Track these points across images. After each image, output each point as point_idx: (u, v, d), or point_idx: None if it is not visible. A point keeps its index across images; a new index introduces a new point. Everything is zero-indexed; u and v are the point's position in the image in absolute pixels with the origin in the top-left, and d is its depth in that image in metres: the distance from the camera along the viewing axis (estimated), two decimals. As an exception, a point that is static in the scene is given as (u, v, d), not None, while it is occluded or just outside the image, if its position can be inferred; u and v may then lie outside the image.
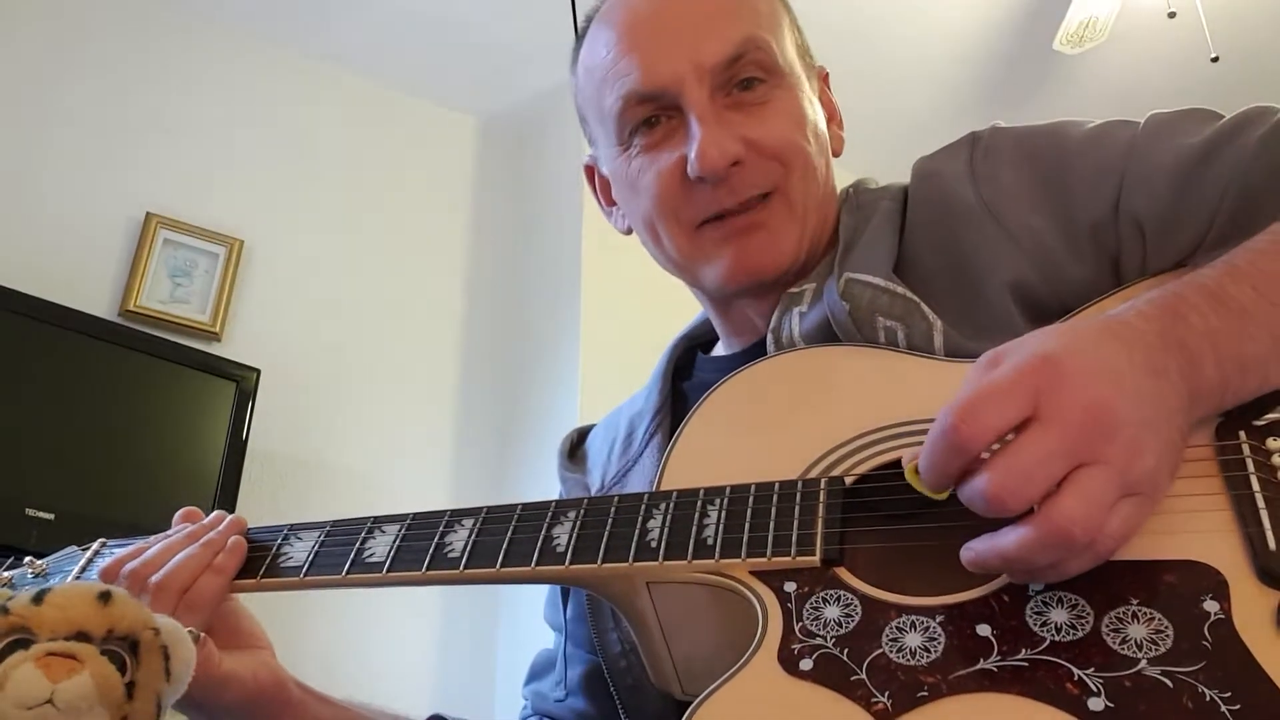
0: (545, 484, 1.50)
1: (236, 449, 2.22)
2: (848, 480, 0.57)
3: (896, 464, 0.57)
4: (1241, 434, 0.50)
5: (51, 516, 1.89)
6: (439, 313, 2.88)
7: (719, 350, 0.88)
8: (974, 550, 0.47)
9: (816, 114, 0.79)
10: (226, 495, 2.14)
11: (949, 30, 2.93)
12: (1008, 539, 0.45)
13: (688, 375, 0.86)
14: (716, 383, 0.69)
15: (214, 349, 2.39)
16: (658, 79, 0.73)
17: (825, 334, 0.70)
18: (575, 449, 0.92)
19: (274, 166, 2.72)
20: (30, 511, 1.87)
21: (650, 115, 0.75)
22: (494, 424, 2.82)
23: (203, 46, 2.72)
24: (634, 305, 2.74)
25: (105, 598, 0.55)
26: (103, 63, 2.55)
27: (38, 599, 0.55)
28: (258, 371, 2.32)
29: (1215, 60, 2.63)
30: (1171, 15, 2.52)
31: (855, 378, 0.65)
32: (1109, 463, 0.45)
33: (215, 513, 0.72)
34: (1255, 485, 0.47)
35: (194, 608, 0.65)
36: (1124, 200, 0.67)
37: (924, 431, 0.54)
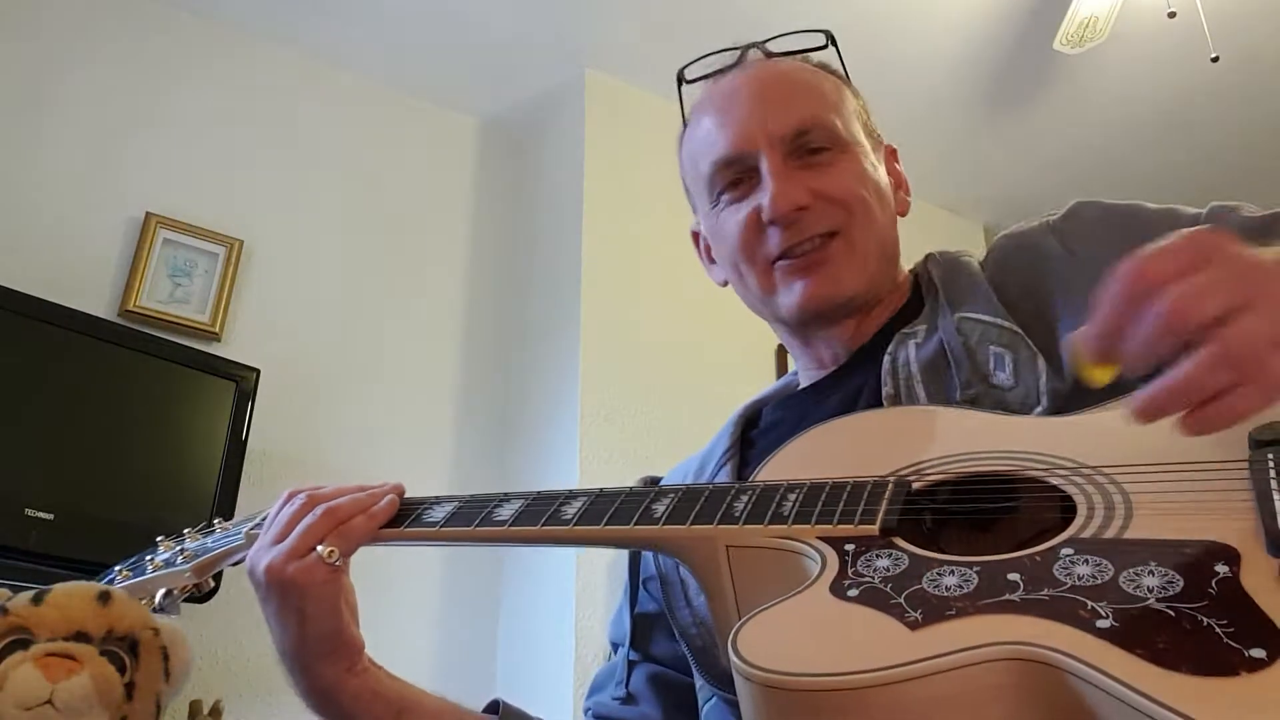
0: (545, 487, 1.49)
1: (236, 449, 2.21)
2: (914, 486, 0.66)
3: (961, 479, 0.65)
4: (1269, 453, 0.57)
5: (51, 516, 1.89)
6: (439, 313, 2.88)
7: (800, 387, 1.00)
8: (1140, 397, 0.52)
9: (879, 177, 0.93)
10: (226, 495, 2.14)
11: (948, 30, 2.93)
12: (1177, 369, 0.50)
13: (755, 427, 0.98)
14: (816, 424, 0.79)
15: (214, 349, 2.39)
16: (739, 145, 0.90)
17: (939, 361, 0.82)
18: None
19: (274, 166, 2.72)
20: (29, 511, 1.87)
21: (734, 176, 0.91)
22: (494, 425, 2.82)
23: (203, 45, 2.72)
24: (634, 306, 2.74)
25: (105, 598, 0.55)
26: (102, 62, 2.55)
27: (37, 599, 0.54)
28: (257, 371, 2.32)
29: (1215, 60, 2.63)
30: (1171, 15, 2.51)
31: (935, 424, 0.76)
32: (1268, 312, 0.50)
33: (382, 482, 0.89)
34: (1274, 486, 0.53)
35: (344, 537, 0.80)
36: None
37: (992, 457, 0.66)
